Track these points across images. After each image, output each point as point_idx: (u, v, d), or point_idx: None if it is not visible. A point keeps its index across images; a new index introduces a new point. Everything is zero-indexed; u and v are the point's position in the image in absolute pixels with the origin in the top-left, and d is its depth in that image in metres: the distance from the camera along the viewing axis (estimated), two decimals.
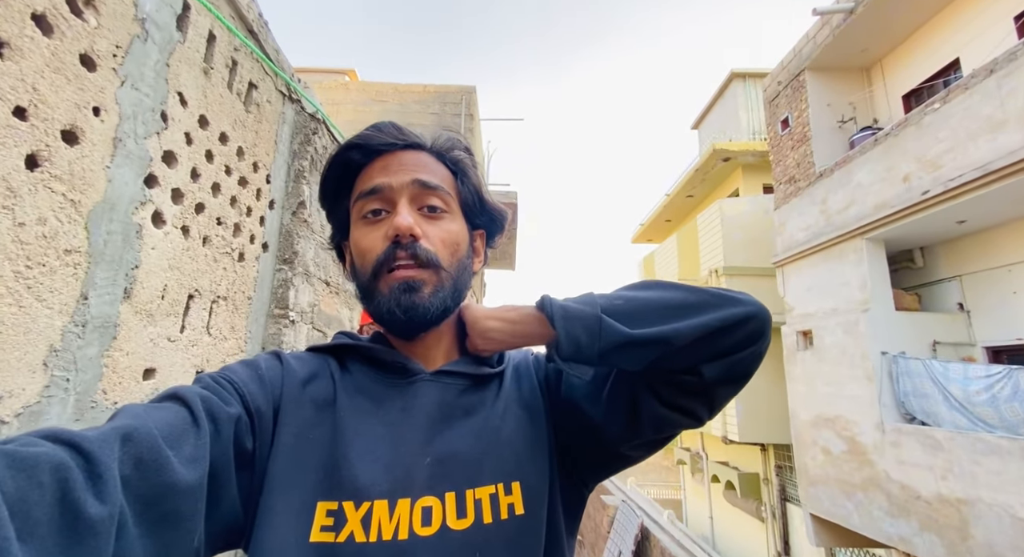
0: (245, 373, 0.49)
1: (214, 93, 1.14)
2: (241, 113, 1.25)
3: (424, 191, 0.54)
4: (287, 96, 1.49)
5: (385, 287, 0.51)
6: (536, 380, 0.59)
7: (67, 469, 0.29)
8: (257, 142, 1.33)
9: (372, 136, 0.54)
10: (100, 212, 0.86)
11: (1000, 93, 4.40)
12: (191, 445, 0.38)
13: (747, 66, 10.66)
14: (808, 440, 6.60)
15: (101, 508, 0.29)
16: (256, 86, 1.31)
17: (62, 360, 0.78)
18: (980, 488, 4.33)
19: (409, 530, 0.44)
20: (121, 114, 0.88)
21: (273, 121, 1.42)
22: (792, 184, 7.30)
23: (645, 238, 14.53)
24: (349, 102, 7.24)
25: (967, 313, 5.74)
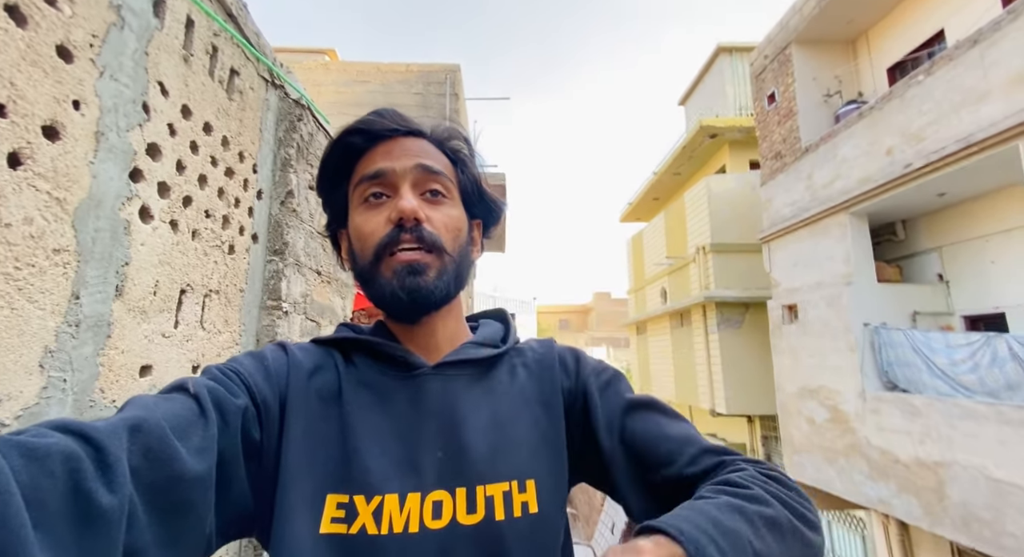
0: (251, 365, 0.49)
1: (195, 81, 1.11)
2: (224, 101, 1.22)
3: (427, 176, 0.54)
4: (270, 82, 1.45)
5: (388, 270, 0.51)
6: (560, 384, 0.57)
7: (78, 459, 0.30)
8: (242, 131, 1.30)
9: (375, 121, 0.54)
10: (86, 209, 0.84)
11: (983, 64, 4.43)
12: (199, 436, 0.39)
13: (734, 40, 10.54)
14: (793, 410, 6.82)
15: (111, 498, 0.30)
16: (238, 73, 1.27)
17: (58, 361, 0.77)
18: (956, 451, 4.54)
19: (420, 523, 0.45)
20: (102, 107, 0.85)
21: (257, 108, 1.39)
22: (778, 160, 7.34)
23: (633, 217, 14.56)
24: (330, 83, 7.05)
25: (946, 283, 5.90)
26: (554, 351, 0.61)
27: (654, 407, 0.55)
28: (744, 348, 8.39)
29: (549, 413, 0.55)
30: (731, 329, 8.51)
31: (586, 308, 30.33)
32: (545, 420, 0.54)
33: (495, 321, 0.66)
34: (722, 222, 8.71)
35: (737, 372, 8.29)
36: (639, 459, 0.50)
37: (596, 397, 0.55)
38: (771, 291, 7.40)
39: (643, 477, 0.50)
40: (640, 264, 12.24)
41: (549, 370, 0.58)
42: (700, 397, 9.09)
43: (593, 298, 29.41)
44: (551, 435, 0.54)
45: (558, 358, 0.60)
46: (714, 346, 8.63)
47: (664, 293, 10.70)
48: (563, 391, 0.57)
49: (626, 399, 0.55)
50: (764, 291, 7.86)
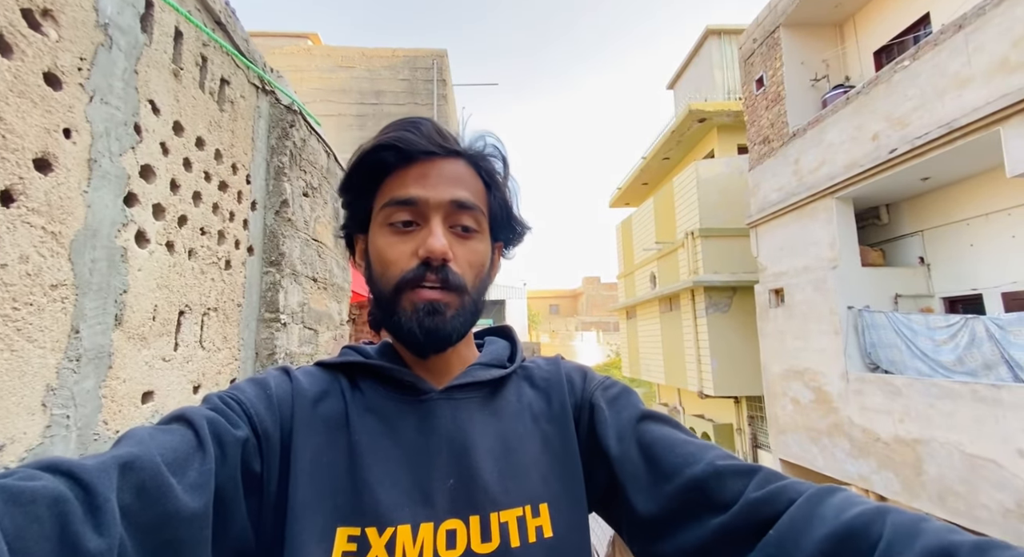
0: (253, 393, 0.48)
1: (186, 95, 1.07)
2: (215, 113, 1.18)
3: (460, 211, 0.51)
4: (260, 88, 1.41)
5: (408, 305, 0.50)
6: (568, 402, 0.56)
7: (65, 502, 0.29)
8: (234, 142, 1.26)
9: (412, 140, 0.50)
10: (82, 240, 0.81)
11: (968, 49, 4.46)
12: (196, 471, 0.37)
13: (723, 22, 10.44)
14: (778, 391, 7.00)
15: (100, 541, 0.29)
16: (228, 82, 1.23)
17: (60, 398, 0.76)
18: (934, 429, 4.72)
19: (434, 553, 0.44)
20: (93, 132, 0.82)
21: (248, 117, 1.34)
22: (766, 144, 7.37)
23: (623, 202, 14.57)
24: (313, 69, 6.84)
25: (927, 266, 6.05)
26: (561, 369, 0.60)
27: (670, 421, 0.53)
28: (732, 331, 8.54)
29: (561, 432, 0.54)
30: (719, 313, 8.65)
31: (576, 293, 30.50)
32: (556, 440, 0.53)
33: (500, 339, 0.65)
34: (710, 207, 8.77)
35: (725, 355, 8.46)
36: (653, 463, 0.48)
37: (604, 409, 0.54)
38: (758, 275, 7.52)
39: (655, 482, 0.47)
40: (630, 249, 12.31)
41: (557, 388, 0.57)
42: (689, 380, 9.27)
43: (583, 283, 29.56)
44: (563, 455, 0.52)
45: (565, 376, 0.59)
46: (702, 330, 8.78)
47: (653, 278, 10.80)
48: (572, 407, 0.56)
49: (640, 410, 0.54)
50: (751, 275, 7.98)
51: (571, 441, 0.53)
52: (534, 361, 0.61)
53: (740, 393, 8.54)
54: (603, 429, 0.52)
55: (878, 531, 0.34)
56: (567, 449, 0.53)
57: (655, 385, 13.08)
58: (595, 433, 0.53)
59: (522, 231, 0.61)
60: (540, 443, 0.53)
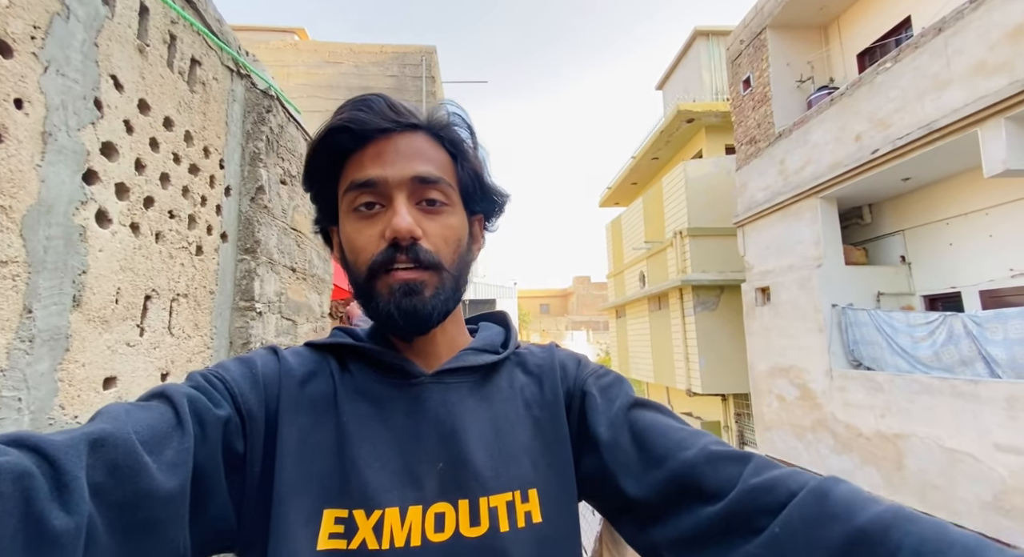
0: (238, 372, 0.47)
1: (153, 73, 1.04)
2: (185, 93, 1.15)
3: (424, 186, 0.49)
4: (235, 72, 1.37)
5: (384, 288, 0.48)
6: (560, 389, 0.55)
7: (30, 478, 0.28)
8: (206, 124, 1.23)
9: (363, 119, 0.48)
10: (35, 216, 0.78)
11: (947, 52, 4.55)
12: (173, 449, 0.37)
13: (711, 24, 10.54)
14: (765, 389, 7.08)
15: (67, 519, 0.28)
16: (200, 62, 1.20)
17: (10, 380, 0.73)
18: (914, 424, 4.80)
19: (422, 536, 0.44)
20: (48, 105, 0.79)
21: (222, 100, 1.31)
22: (753, 145, 7.45)
23: (612, 201, 14.64)
24: (300, 64, 6.77)
25: (908, 265, 6.16)
26: (555, 356, 0.59)
27: (662, 409, 0.52)
28: (719, 330, 8.62)
29: (552, 418, 0.53)
30: (707, 311, 8.72)
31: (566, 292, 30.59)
32: (548, 426, 0.53)
33: (495, 325, 0.64)
34: (699, 207, 8.85)
35: (713, 353, 8.54)
36: (645, 449, 0.47)
37: (596, 396, 0.53)
38: (745, 274, 7.60)
39: (646, 468, 0.47)
40: (619, 248, 12.37)
41: (550, 375, 0.56)
42: (677, 378, 9.34)
43: (573, 282, 29.66)
44: (553, 441, 0.52)
45: (559, 363, 0.58)
46: (690, 328, 8.85)
47: (643, 277, 10.86)
48: (564, 394, 0.55)
49: (632, 398, 0.53)
50: (738, 274, 8.06)
51: (562, 427, 0.53)
52: (528, 348, 0.60)
53: (727, 391, 8.62)
54: (594, 416, 0.51)
55: (897, 539, 0.32)
56: (558, 436, 0.52)
57: (644, 383, 13.17)
58: (586, 420, 0.52)
59: (500, 200, 0.59)
60: (531, 429, 0.52)
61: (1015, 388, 3.93)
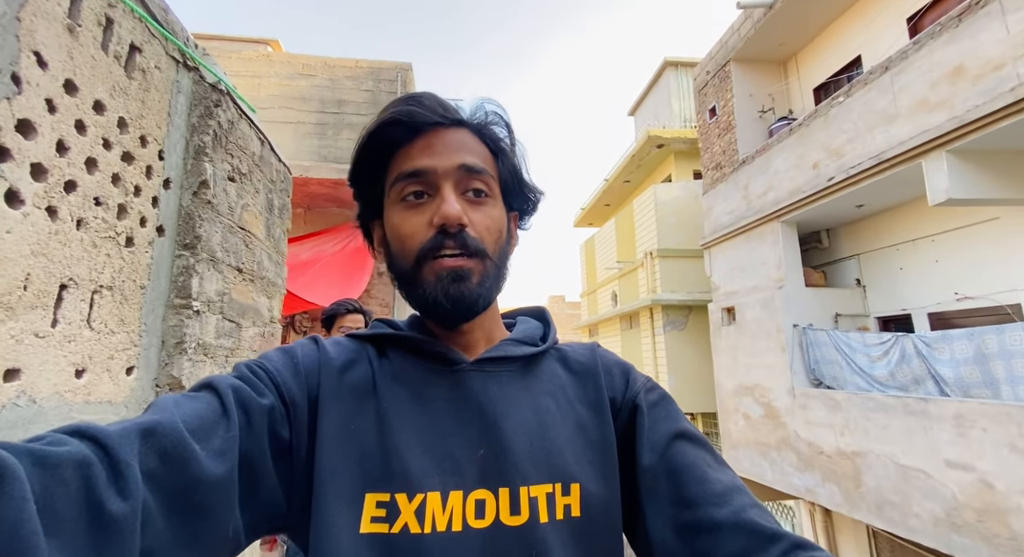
0: (280, 362, 0.48)
1: (83, 55, 1.00)
2: (121, 79, 1.11)
3: (469, 176, 0.51)
4: (182, 63, 1.35)
5: (431, 274, 0.49)
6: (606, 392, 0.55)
7: (90, 466, 0.30)
8: (144, 113, 1.19)
9: (415, 112, 0.50)
10: None
11: (893, 88, 4.87)
12: (220, 437, 0.38)
13: (680, 55, 11.05)
14: (731, 407, 7.18)
15: (123, 504, 0.30)
16: (140, 49, 1.17)
17: None
18: (871, 441, 4.93)
19: (463, 522, 0.44)
20: None
21: (164, 90, 1.28)
22: (718, 170, 7.74)
23: (586, 222, 14.89)
24: (273, 75, 6.73)
25: (863, 288, 6.43)
26: (597, 356, 0.59)
27: (706, 445, 0.52)
28: (688, 348, 8.76)
29: (598, 419, 0.53)
30: (676, 331, 8.86)
31: None
32: (592, 425, 0.52)
33: (533, 319, 0.64)
34: (668, 228, 9.08)
35: (681, 371, 8.64)
36: (678, 488, 0.47)
37: (645, 413, 0.53)
38: (712, 294, 7.78)
39: (673, 507, 0.47)
40: (592, 268, 12.52)
41: (593, 375, 0.56)
42: None
43: (549, 301, 29.78)
44: (599, 442, 0.51)
45: (602, 364, 0.58)
46: (660, 347, 8.96)
47: (615, 296, 10.99)
48: (610, 400, 0.54)
49: (679, 424, 0.52)
50: (706, 295, 8.25)
51: (608, 430, 0.52)
52: (570, 345, 0.61)
53: (696, 409, 8.71)
54: (640, 434, 0.51)
55: None
56: (604, 437, 0.52)
57: None
58: (632, 436, 0.52)
59: (535, 198, 0.60)
60: (574, 424, 0.52)
61: (962, 406, 4.09)
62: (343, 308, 2.19)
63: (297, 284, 3.93)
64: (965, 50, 4.13)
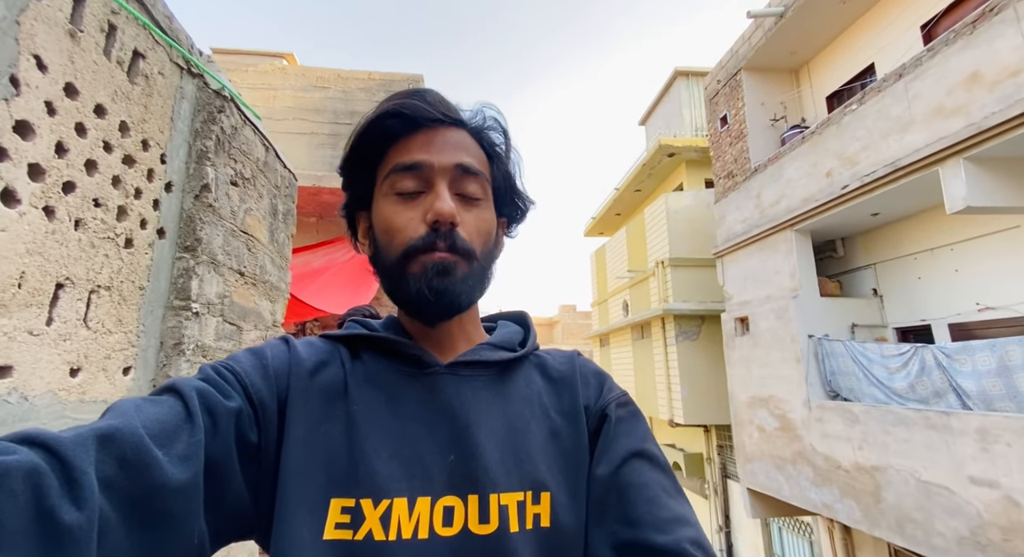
0: (249, 363, 0.47)
1: (85, 59, 1.03)
2: (124, 84, 1.14)
3: (464, 176, 0.51)
4: (186, 70, 1.38)
5: (418, 267, 0.49)
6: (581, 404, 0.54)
7: (40, 475, 0.28)
8: (147, 117, 1.22)
9: (418, 107, 0.50)
10: None
11: (908, 96, 4.79)
12: (184, 442, 0.37)
13: (690, 65, 11.05)
14: (745, 419, 7.01)
15: (78, 514, 0.29)
16: (144, 56, 1.19)
17: None
18: (891, 456, 4.76)
19: (430, 529, 0.43)
20: None
21: (168, 96, 1.31)
22: (730, 179, 7.67)
23: (597, 231, 14.85)
24: (288, 88, 6.89)
25: (880, 298, 6.27)
26: (576, 367, 0.58)
27: (666, 470, 0.50)
28: (701, 359, 8.61)
29: (573, 428, 0.52)
30: (688, 341, 8.73)
31: (552, 321, 30.49)
32: (567, 435, 0.51)
33: (513, 323, 0.64)
34: (679, 237, 9.00)
35: (694, 383, 8.49)
36: (625, 505, 0.46)
37: (612, 424, 0.52)
38: (725, 304, 7.66)
39: (617, 523, 0.46)
40: (603, 277, 12.45)
41: (570, 384, 0.55)
42: (660, 408, 9.23)
43: (559, 311, 29.62)
44: (573, 451, 0.51)
45: (580, 373, 0.57)
46: (672, 357, 8.83)
47: (626, 306, 10.89)
48: (584, 409, 0.54)
49: (642, 444, 0.51)
50: (719, 304, 8.13)
51: (583, 441, 0.52)
52: (549, 352, 0.60)
53: (710, 421, 8.52)
54: (601, 444, 0.51)
55: None
56: (578, 447, 0.51)
57: None
58: (594, 445, 0.52)
59: (525, 206, 0.60)
60: (547, 433, 0.51)
61: (986, 420, 3.94)
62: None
63: (308, 292, 3.97)
64: (981, 57, 4.06)
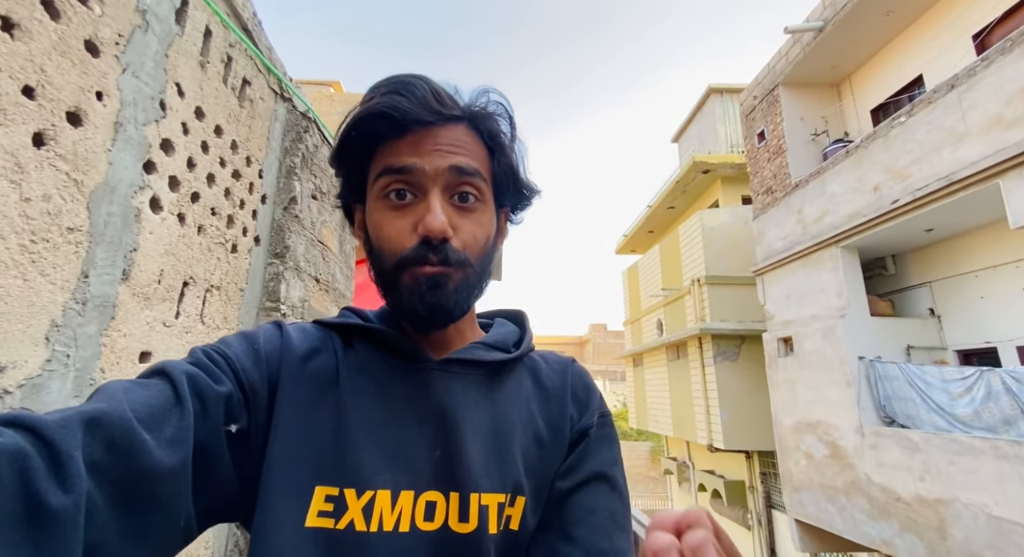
0: (240, 347, 0.46)
1: (210, 86, 1.18)
2: (235, 108, 1.29)
3: (459, 178, 0.48)
4: (279, 94, 1.53)
5: (410, 279, 0.47)
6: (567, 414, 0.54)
7: (26, 458, 0.28)
8: (250, 137, 1.36)
9: (406, 108, 0.46)
10: (101, 193, 0.88)
11: (961, 107, 4.65)
12: (172, 426, 0.36)
13: (724, 81, 11.02)
14: (791, 445, 6.70)
15: (65, 497, 0.28)
16: (250, 83, 1.35)
17: (63, 336, 0.79)
18: (956, 488, 4.45)
19: (411, 523, 0.43)
20: (122, 100, 0.91)
21: (266, 118, 1.46)
22: (769, 195, 7.54)
23: (628, 249, 14.74)
24: (334, 113, 7.29)
25: (938, 318, 5.96)
26: (568, 376, 0.57)
27: (623, 499, 0.51)
28: (741, 381, 8.32)
29: (555, 438, 0.52)
30: (727, 362, 8.47)
31: (582, 340, 30.13)
32: (549, 442, 0.51)
33: (510, 322, 0.62)
34: (716, 255, 8.84)
35: (734, 406, 8.19)
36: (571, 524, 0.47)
37: (589, 443, 0.52)
38: (766, 324, 7.43)
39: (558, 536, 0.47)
40: (636, 295, 12.29)
41: (560, 395, 0.55)
42: (698, 432, 8.93)
43: (589, 330, 29.27)
44: (549, 459, 0.51)
45: (571, 385, 0.57)
46: (711, 379, 8.56)
47: (660, 325, 10.70)
48: (570, 420, 0.54)
49: (609, 468, 0.52)
50: (759, 324, 7.89)
51: (562, 452, 0.52)
52: (543, 357, 0.59)
53: (751, 447, 8.17)
54: (573, 460, 0.51)
55: None
56: (556, 457, 0.51)
57: (663, 437, 12.57)
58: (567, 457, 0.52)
59: (530, 195, 0.58)
60: (532, 439, 0.51)
61: None
62: None
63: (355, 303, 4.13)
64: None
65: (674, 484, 12.10)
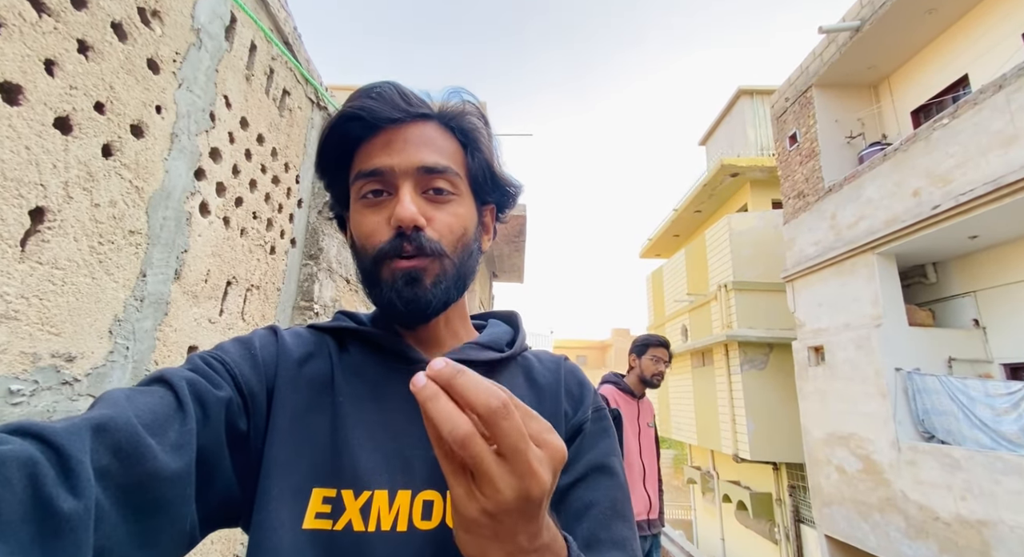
0: (237, 352, 0.47)
1: (254, 97, 1.25)
2: (276, 117, 1.36)
3: (430, 175, 0.50)
4: (315, 103, 1.61)
5: (388, 274, 0.48)
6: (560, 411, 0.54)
7: (36, 464, 0.28)
8: (288, 144, 1.44)
9: (374, 108, 0.49)
10: (158, 199, 0.95)
11: (1010, 108, 4.44)
12: (176, 431, 0.37)
13: (754, 83, 10.79)
14: (822, 458, 6.48)
15: (75, 502, 0.29)
16: (289, 93, 1.42)
17: (124, 330, 0.87)
18: (1001, 509, 4.23)
19: (409, 522, 0.43)
20: (178, 113, 0.99)
21: (303, 126, 1.53)
22: (801, 199, 7.33)
23: (653, 253, 14.54)
24: None
25: (983, 329, 5.67)
26: (561, 372, 0.58)
27: (623, 488, 0.51)
28: (769, 390, 8.09)
29: None
30: (755, 370, 8.26)
31: (605, 344, 29.82)
32: None
33: (503, 323, 0.63)
34: (744, 260, 8.63)
35: (761, 415, 7.98)
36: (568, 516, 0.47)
37: (585, 437, 0.53)
38: (796, 332, 7.21)
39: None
40: (660, 300, 12.12)
41: (554, 392, 0.55)
42: (723, 442, 8.73)
43: (612, 335, 28.95)
44: None
45: (564, 381, 0.57)
46: (737, 387, 8.36)
47: (685, 331, 10.51)
48: (564, 416, 0.54)
49: (607, 458, 0.52)
50: (788, 332, 7.66)
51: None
52: (537, 356, 0.60)
53: (779, 459, 7.93)
54: (570, 455, 0.51)
55: None
56: None
57: (687, 446, 12.33)
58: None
59: (512, 190, 0.59)
60: None
61: None
62: (655, 340, 2.59)
63: None
64: None
65: (698, 494, 11.84)
